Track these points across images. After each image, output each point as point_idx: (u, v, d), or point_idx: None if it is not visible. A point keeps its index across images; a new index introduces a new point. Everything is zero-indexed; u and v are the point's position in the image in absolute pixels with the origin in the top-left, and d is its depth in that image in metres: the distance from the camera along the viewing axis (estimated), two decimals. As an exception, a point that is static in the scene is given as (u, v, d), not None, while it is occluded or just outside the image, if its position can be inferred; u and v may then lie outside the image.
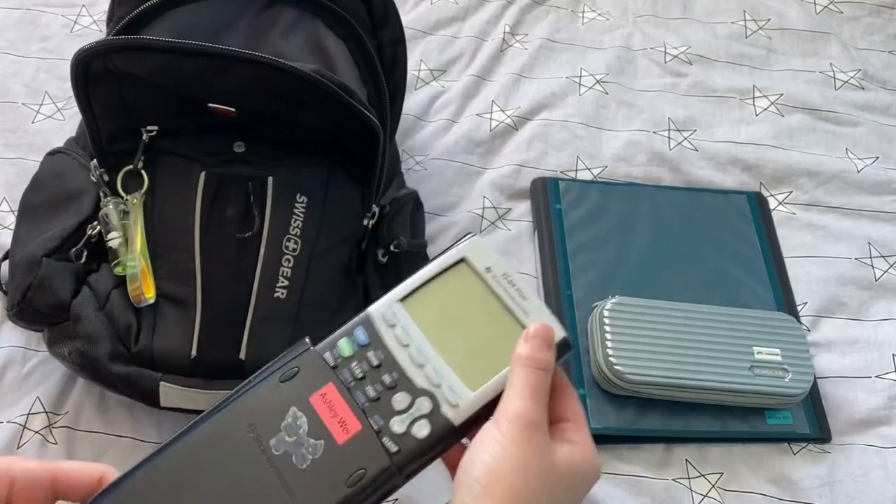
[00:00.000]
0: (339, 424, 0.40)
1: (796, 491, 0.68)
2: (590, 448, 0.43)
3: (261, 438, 0.40)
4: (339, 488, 0.39)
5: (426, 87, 0.93)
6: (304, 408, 0.41)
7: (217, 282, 0.63)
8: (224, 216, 0.63)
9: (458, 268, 0.46)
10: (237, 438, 0.40)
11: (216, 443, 0.40)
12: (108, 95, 0.62)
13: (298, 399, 0.41)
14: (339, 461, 0.40)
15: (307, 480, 0.39)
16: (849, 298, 0.79)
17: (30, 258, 0.64)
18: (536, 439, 0.41)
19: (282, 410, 0.41)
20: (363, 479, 0.39)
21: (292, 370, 0.42)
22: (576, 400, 0.45)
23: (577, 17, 1.02)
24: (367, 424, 0.41)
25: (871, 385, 0.74)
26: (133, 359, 0.62)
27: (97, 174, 0.65)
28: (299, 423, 0.40)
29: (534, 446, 0.41)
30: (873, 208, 0.85)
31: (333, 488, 0.39)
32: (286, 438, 0.40)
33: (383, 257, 0.68)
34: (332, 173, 0.67)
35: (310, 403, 0.41)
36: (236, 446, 0.40)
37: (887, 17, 1.03)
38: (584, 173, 0.86)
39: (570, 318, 0.75)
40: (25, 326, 0.67)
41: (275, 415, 0.41)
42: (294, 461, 0.40)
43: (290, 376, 0.42)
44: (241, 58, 0.59)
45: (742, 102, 0.94)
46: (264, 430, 0.40)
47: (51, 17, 0.96)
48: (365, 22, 0.72)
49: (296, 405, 0.41)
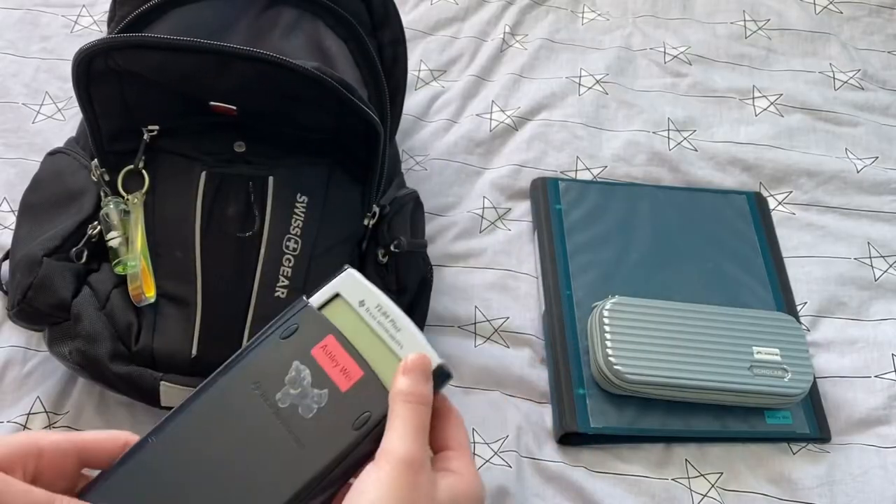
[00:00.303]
0: (341, 373, 0.42)
1: (796, 491, 0.68)
2: (472, 477, 0.42)
3: (267, 394, 0.42)
4: (346, 433, 0.41)
5: (426, 88, 0.94)
6: (307, 361, 0.42)
7: (217, 281, 0.63)
8: (224, 216, 0.64)
9: (334, 303, 0.46)
10: (244, 397, 0.42)
11: (224, 404, 0.42)
12: (110, 94, 0.63)
13: (300, 353, 0.43)
14: (344, 407, 0.41)
15: (315, 428, 0.41)
16: (848, 298, 0.79)
17: (30, 258, 0.64)
18: (418, 479, 0.40)
19: (285, 366, 0.42)
20: (369, 421, 0.41)
21: (292, 327, 0.43)
22: (459, 425, 0.44)
23: (576, 18, 1.02)
24: (367, 370, 0.42)
25: (870, 385, 0.74)
26: (133, 358, 0.62)
27: (98, 174, 0.65)
28: (303, 375, 0.42)
29: (415, 487, 0.39)
30: (873, 208, 0.85)
31: (341, 433, 0.41)
32: (291, 391, 0.42)
33: (383, 257, 0.68)
34: (332, 173, 0.67)
35: (312, 356, 0.42)
36: (244, 404, 0.42)
37: (887, 18, 1.04)
38: (584, 173, 0.86)
39: (569, 318, 0.75)
40: (26, 326, 0.67)
41: (278, 370, 0.42)
42: (300, 412, 0.41)
43: (291, 332, 0.43)
44: (242, 55, 0.59)
45: (742, 102, 0.94)
46: (269, 386, 0.42)
47: (51, 17, 0.96)
48: (365, 22, 0.72)
49: (298, 359, 0.42)
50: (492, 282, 0.78)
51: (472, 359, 0.73)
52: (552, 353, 0.73)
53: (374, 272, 0.68)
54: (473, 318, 0.76)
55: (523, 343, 0.75)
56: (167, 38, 0.59)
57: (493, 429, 0.70)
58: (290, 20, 0.67)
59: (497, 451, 0.68)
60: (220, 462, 0.41)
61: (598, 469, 0.68)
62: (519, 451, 0.69)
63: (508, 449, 0.68)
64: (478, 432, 0.69)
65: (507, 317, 0.76)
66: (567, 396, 0.71)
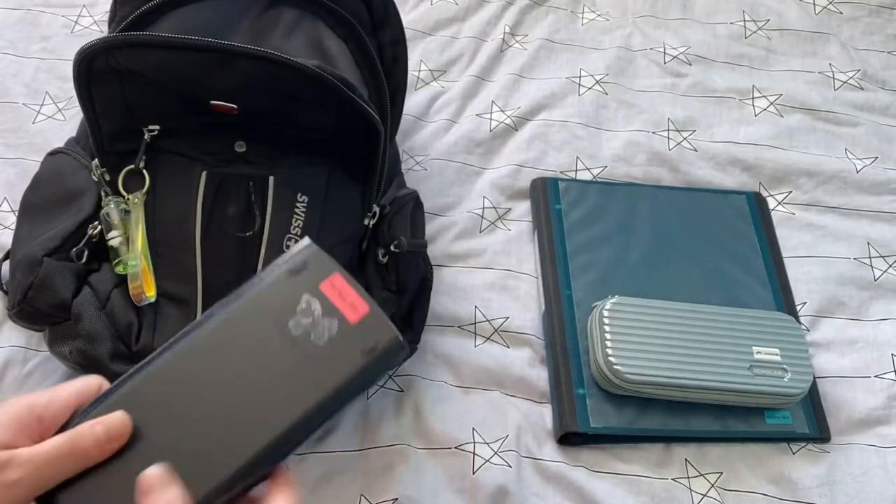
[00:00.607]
0: (349, 307, 0.45)
1: (796, 490, 0.68)
2: None
3: (279, 322, 0.44)
4: (356, 359, 0.44)
5: (426, 88, 0.94)
6: (316, 294, 0.45)
7: (218, 281, 0.63)
8: (225, 215, 0.64)
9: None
10: (257, 323, 0.44)
11: (236, 328, 0.44)
12: (111, 94, 0.63)
13: (310, 287, 0.45)
14: (354, 336, 0.44)
15: (326, 354, 0.44)
16: (848, 298, 0.79)
17: (31, 258, 0.64)
18: None
19: (295, 298, 0.45)
20: (377, 349, 0.44)
21: (301, 264, 0.46)
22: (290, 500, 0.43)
23: (576, 18, 1.02)
24: (373, 306, 0.44)
25: (870, 385, 0.74)
26: (134, 358, 0.62)
27: (98, 173, 0.65)
28: (313, 307, 0.45)
29: None
30: (872, 208, 0.86)
31: (351, 359, 0.43)
32: (303, 321, 0.44)
33: (383, 257, 0.68)
34: (332, 173, 0.67)
35: (320, 290, 0.45)
36: (256, 330, 0.44)
37: (886, 18, 1.04)
38: (584, 173, 0.86)
39: (569, 318, 0.75)
40: (26, 326, 0.67)
41: (290, 301, 0.45)
42: (313, 338, 0.44)
43: (300, 269, 0.45)
44: (243, 53, 0.59)
45: (741, 103, 0.94)
46: (282, 315, 0.44)
47: (51, 17, 0.96)
48: (365, 22, 0.72)
49: (308, 292, 0.45)
50: (492, 282, 0.78)
51: (472, 359, 0.73)
52: (552, 353, 0.73)
53: (375, 272, 0.68)
54: (473, 318, 0.76)
55: (523, 343, 0.75)
56: (169, 36, 0.59)
57: (493, 429, 0.70)
58: (290, 20, 0.67)
59: (497, 450, 0.68)
60: (232, 382, 0.43)
61: (598, 469, 0.68)
62: (519, 451, 0.69)
63: (508, 449, 0.68)
64: (478, 432, 0.69)
65: (507, 317, 0.76)
66: (567, 396, 0.71)
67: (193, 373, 0.43)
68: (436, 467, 0.67)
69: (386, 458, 0.67)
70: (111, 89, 0.62)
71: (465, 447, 0.68)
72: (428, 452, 0.68)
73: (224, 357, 0.43)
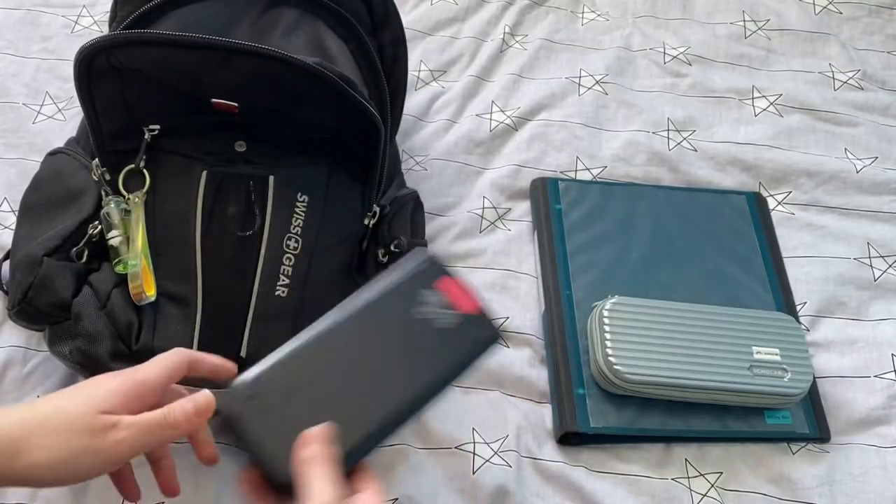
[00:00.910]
0: (463, 302, 0.55)
1: (796, 490, 0.68)
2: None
3: (409, 309, 0.53)
4: (467, 343, 0.54)
5: (426, 88, 0.94)
6: (435, 290, 0.55)
7: (218, 280, 0.63)
8: (225, 215, 0.64)
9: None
10: (389, 311, 0.53)
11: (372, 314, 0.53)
12: (111, 93, 0.63)
13: (428, 284, 0.55)
14: (469, 326, 0.54)
15: (446, 337, 0.53)
16: (848, 298, 0.79)
17: (31, 258, 0.64)
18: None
19: (415, 292, 0.54)
20: (483, 339, 0.55)
21: (417, 266, 0.55)
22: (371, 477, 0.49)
23: (576, 18, 1.02)
24: (483, 303, 0.55)
25: (870, 385, 0.74)
26: (134, 357, 0.62)
27: (99, 173, 0.65)
28: (432, 299, 0.54)
29: None
30: (872, 208, 0.86)
31: (465, 343, 0.54)
32: (423, 309, 0.54)
33: (383, 257, 0.68)
34: (332, 172, 0.67)
35: (438, 288, 0.55)
36: (389, 316, 0.53)
37: (886, 18, 1.04)
38: (584, 173, 0.86)
39: (569, 318, 0.75)
40: (26, 326, 0.67)
41: (412, 294, 0.54)
42: (434, 325, 0.53)
43: (419, 270, 0.55)
44: (243, 50, 0.59)
45: (741, 103, 0.94)
46: (408, 304, 0.53)
47: (51, 17, 0.96)
48: (366, 22, 0.72)
49: (426, 288, 0.54)
50: (492, 282, 0.78)
51: (472, 358, 0.73)
52: (552, 353, 0.73)
53: (375, 271, 0.68)
54: (473, 317, 0.76)
55: (523, 343, 0.75)
56: (170, 34, 0.60)
57: (493, 429, 0.70)
58: (290, 20, 0.67)
59: (497, 450, 0.68)
60: (370, 357, 0.51)
61: (598, 469, 0.68)
62: (519, 451, 0.69)
63: (508, 449, 0.68)
64: (478, 432, 0.69)
65: (507, 317, 0.76)
66: (567, 396, 0.71)
67: (338, 349, 0.51)
68: (436, 467, 0.67)
69: (386, 458, 0.67)
70: (112, 88, 0.62)
71: (465, 447, 0.68)
72: (428, 452, 0.68)
73: (362, 337, 0.52)
